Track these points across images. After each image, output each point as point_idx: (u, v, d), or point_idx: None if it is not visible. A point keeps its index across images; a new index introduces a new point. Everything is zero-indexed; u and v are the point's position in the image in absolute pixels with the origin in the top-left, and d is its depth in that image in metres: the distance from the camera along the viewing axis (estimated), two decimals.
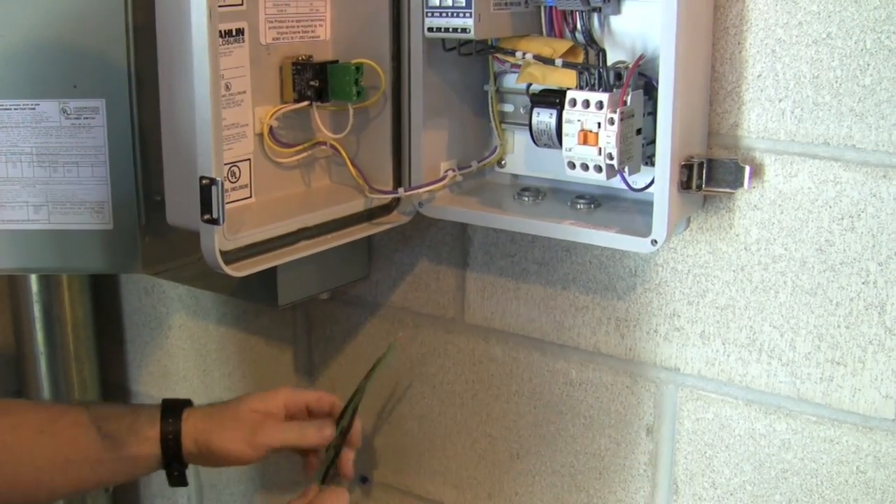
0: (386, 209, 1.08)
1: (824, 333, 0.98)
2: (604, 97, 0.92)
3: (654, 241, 0.91)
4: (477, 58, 1.05)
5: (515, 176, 1.11)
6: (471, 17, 0.95)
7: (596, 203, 1.03)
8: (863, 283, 0.95)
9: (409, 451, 1.31)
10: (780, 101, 0.95)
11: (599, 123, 0.92)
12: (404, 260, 1.24)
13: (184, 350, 1.50)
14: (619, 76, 0.96)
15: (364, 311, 1.29)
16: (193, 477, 1.57)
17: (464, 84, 1.07)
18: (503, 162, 1.11)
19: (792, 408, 1.01)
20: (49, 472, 1.03)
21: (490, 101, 1.08)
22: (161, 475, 1.05)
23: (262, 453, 1.04)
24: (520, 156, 1.10)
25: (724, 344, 1.03)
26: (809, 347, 0.99)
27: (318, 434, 1.06)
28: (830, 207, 0.95)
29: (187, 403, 1.07)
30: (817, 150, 0.94)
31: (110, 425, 1.04)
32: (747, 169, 0.94)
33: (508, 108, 1.08)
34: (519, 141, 1.09)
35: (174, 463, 1.04)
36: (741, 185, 0.95)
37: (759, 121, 0.96)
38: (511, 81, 1.07)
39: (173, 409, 1.05)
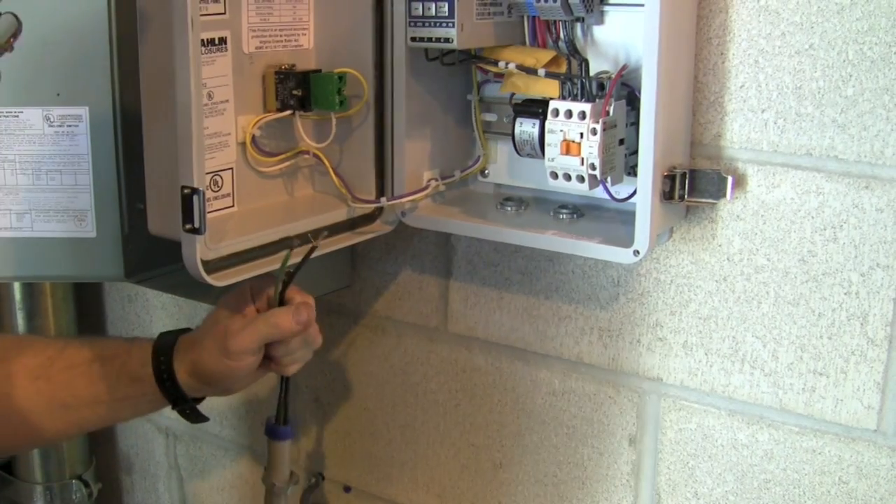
0: (369, 218, 1.07)
1: (807, 344, 0.97)
2: (586, 107, 0.92)
3: (637, 252, 0.90)
4: (460, 67, 1.05)
5: (498, 185, 1.11)
6: (453, 26, 0.94)
7: (579, 213, 1.02)
8: (845, 294, 0.94)
9: (392, 460, 1.30)
10: (762, 111, 0.94)
11: (582, 134, 0.92)
12: (387, 269, 1.23)
13: None
14: (601, 86, 0.95)
15: (347, 320, 1.28)
16: (177, 486, 1.56)
17: (447, 93, 1.07)
18: (486, 171, 1.10)
19: (774, 418, 1.00)
20: (47, 417, 1.00)
21: (473, 110, 1.08)
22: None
23: (247, 361, 0.95)
24: (503, 165, 1.09)
25: (706, 354, 1.03)
26: (792, 358, 0.98)
27: (295, 318, 0.96)
28: (813, 218, 0.94)
29: (184, 332, 1.00)
30: (800, 161, 0.94)
31: (105, 366, 0.99)
32: (730, 179, 0.94)
33: (491, 117, 1.07)
34: (502, 151, 1.09)
35: (180, 401, 0.99)
36: (724, 195, 0.94)
37: (741, 131, 0.96)
38: (494, 91, 1.06)
39: (165, 345, 0.99)
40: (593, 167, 0.92)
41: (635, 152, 0.92)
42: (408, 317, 1.23)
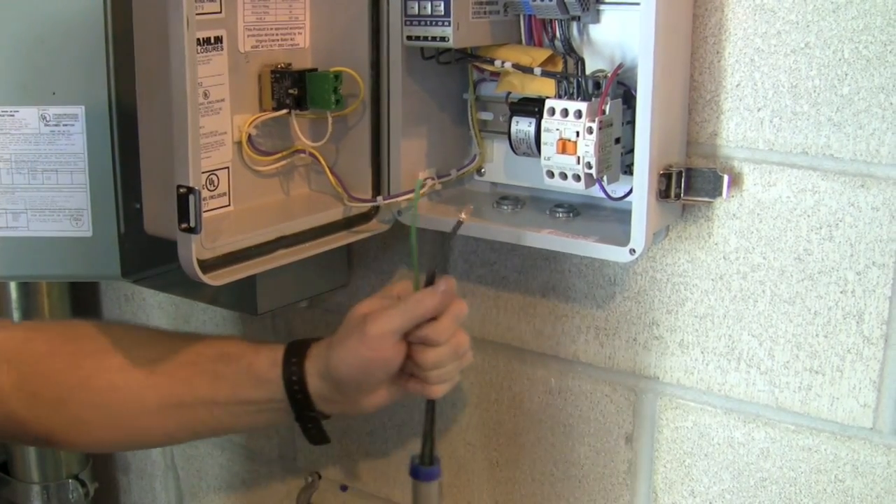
0: (365, 217, 1.06)
1: (803, 342, 0.97)
2: (582, 106, 0.91)
3: (633, 251, 0.90)
4: (456, 66, 1.05)
5: (495, 184, 1.10)
6: (449, 25, 0.94)
7: (575, 212, 1.02)
8: (841, 293, 0.94)
9: (389, 459, 1.29)
10: (758, 110, 0.94)
11: (578, 132, 0.92)
12: (384, 268, 1.22)
13: None
14: (597, 85, 0.95)
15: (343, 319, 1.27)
16: (174, 486, 1.56)
17: (443, 92, 1.06)
18: (482, 170, 1.10)
19: (770, 416, 1.00)
20: (160, 416, 0.96)
21: (469, 109, 1.07)
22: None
23: (386, 351, 0.89)
24: (499, 164, 1.09)
25: (702, 353, 1.02)
26: (788, 356, 0.98)
27: (440, 293, 0.89)
28: (809, 216, 0.94)
29: (318, 339, 0.97)
30: (796, 160, 0.94)
31: (227, 366, 0.95)
32: (726, 178, 0.93)
33: (488, 116, 1.07)
34: (498, 149, 1.08)
35: (305, 411, 0.94)
36: (720, 194, 0.94)
37: (737, 130, 0.96)
38: (490, 90, 1.06)
39: (297, 348, 0.95)
40: (589, 166, 0.92)
41: (631, 151, 0.91)
42: None
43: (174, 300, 1.41)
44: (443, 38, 0.95)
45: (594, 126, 0.91)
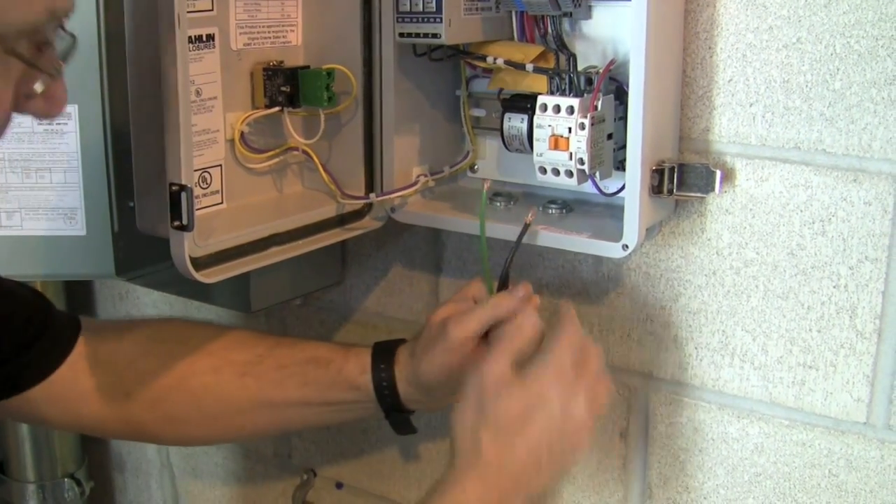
0: (358, 215, 1.06)
1: (796, 337, 0.97)
2: (574, 102, 0.91)
3: (626, 246, 0.90)
4: (449, 63, 1.04)
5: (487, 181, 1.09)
6: (441, 22, 0.94)
7: (568, 208, 1.02)
8: (834, 287, 0.94)
9: (383, 456, 1.29)
10: (750, 105, 0.94)
11: (570, 128, 0.91)
12: (378, 265, 1.22)
13: None
14: (589, 81, 0.95)
15: (338, 317, 1.27)
16: (169, 484, 1.56)
17: (436, 89, 1.06)
18: (475, 167, 1.10)
19: (764, 411, 1.00)
20: (250, 414, 1.01)
21: (462, 106, 1.07)
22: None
23: (469, 354, 0.90)
24: (492, 161, 1.09)
25: (696, 348, 1.02)
26: (781, 351, 0.98)
27: (518, 299, 0.90)
28: (801, 211, 0.94)
29: (400, 342, 0.99)
30: (788, 155, 0.94)
31: (317, 370, 0.99)
32: (718, 173, 0.93)
33: (480, 113, 1.07)
34: (491, 146, 1.08)
35: (393, 412, 0.98)
36: (712, 189, 0.94)
37: (730, 125, 0.95)
38: (483, 86, 1.05)
39: (385, 354, 0.98)
40: (582, 162, 0.92)
41: (624, 147, 0.91)
42: (398, 313, 1.22)
43: (168, 298, 1.41)
44: (435, 35, 0.95)
45: (586, 122, 0.91)
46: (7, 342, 0.96)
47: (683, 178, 0.94)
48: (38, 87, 0.65)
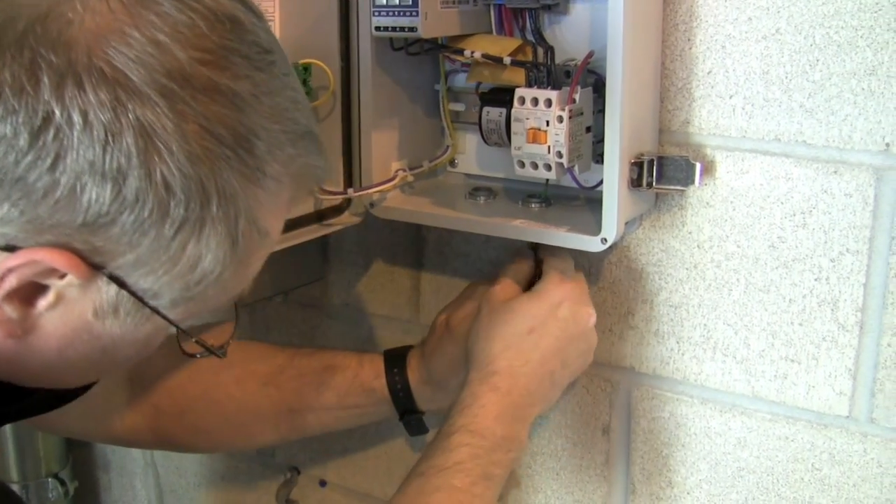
0: (337, 210, 1.05)
1: (778, 331, 0.96)
2: (552, 95, 0.91)
3: (604, 240, 0.90)
4: (427, 57, 1.03)
5: (468, 175, 1.09)
6: (417, 15, 0.92)
7: (548, 202, 1.01)
8: (815, 280, 0.93)
9: (367, 454, 1.29)
10: (730, 97, 0.93)
11: (548, 121, 0.91)
12: (359, 261, 1.22)
13: None
14: (568, 74, 0.94)
15: (320, 313, 1.27)
16: (154, 483, 1.55)
17: (414, 83, 1.05)
18: (455, 161, 1.09)
19: (747, 406, 1.00)
20: (272, 422, 1.06)
21: (441, 100, 1.06)
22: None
23: None
24: (472, 155, 1.08)
25: (678, 342, 1.02)
26: (763, 345, 0.97)
27: (506, 289, 0.97)
28: (782, 204, 0.93)
29: (409, 348, 1.05)
30: (768, 147, 0.93)
31: (333, 377, 1.04)
32: (698, 166, 0.92)
33: (460, 107, 1.06)
34: (471, 140, 1.07)
35: (407, 413, 1.04)
36: (692, 182, 0.93)
37: (709, 117, 0.95)
38: (462, 80, 1.04)
39: (397, 359, 1.04)
40: (560, 155, 0.91)
41: (603, 140, 0.90)
42: (380, 309, 1.22)
43: None
44: (411, 29, 0.93)
45: (564, 115, 0.90)
46: None
47: (663, 171, 0.93)
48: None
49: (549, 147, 0.91)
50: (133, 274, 0.63)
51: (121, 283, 0.64)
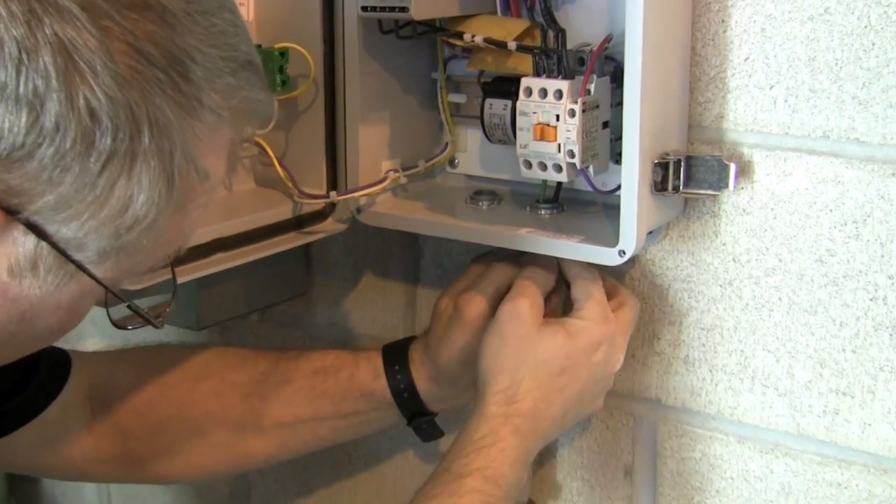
0: (319, 216, 1.06)
1: (827, 358, 0.96)
2: (563, 85, 0.91)
3: (622, 252, 0.89)
4: (423, 42, 1.03)
5: (469, 177, 1.10)
6: None
7: (560, 208, 1.01)
8: (870, 300, 0.93)
9: (355, 495, 1.29)
10: (771, 87, 0.93)
11: (558, 116, 0.91)
12: (347, 274, 1.22)
13: None
14: (582, 61, 0.94)
15: (303, 334, 1.27)
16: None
17: (409, 71, 1.06)
18: (455, 161, 1.09)
19: (792, 445, 0.99)
20: (260, 439, 1.05)
21: (439, 91, 1.06)
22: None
23: (484, 327, 0.97)
24: (474, 154, 1.08)
25: (711, 371, 1.01)
26: (810, 375, 0.97)
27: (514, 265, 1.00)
28: (831, 211, 0.93)
29: (410, 340, 1.05)
30: (815, 145, 0.92)
31: (326, 380, 1.04)
32: (732, 167, 0.92)
33: (460, 99, 1.06)
34: (473, 137, 1.07)
35: (416, 416, 1.03)
36: (726, 186, 0.92)
37: (746, 111, 0.94)
38: (463, 68, 1.04)
39: (396, 354, 1.03)
40: (572, 154, 0.91)
41: (622, 137, 0.90)
42: (371, 329, 1.22)
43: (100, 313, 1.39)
44: (402, 9, 0.93)
45: (577, 108, 0.90)
46: None
47: (692, 173, 0.93)
48: None
49: (558, 145, 0.91)
50: (54, 220, 0.62)
51: (40, 233, 0.62)
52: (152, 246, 0.67)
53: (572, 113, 0.90)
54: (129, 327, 0.80)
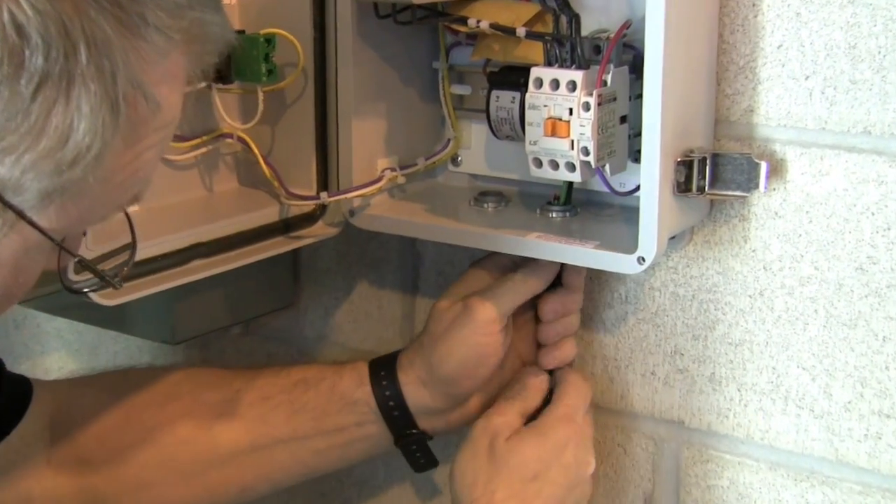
0: (308, 219, 1.06)
1: (868, 377, 0.95)
2: (577, 76, 0.90)
3: (642, 259, 0.89)
4: (424, 27, 1.03)
5: (473, 176, 1.10)
6: None
7: (573, 211, 1.01)
8: None
9: None
10: (806, 78, 0.92)
11: (571, 109, 0.91)
12: (338, 283, 1.22)
13: None
14: (597, 49, 0.94)
15: (289, 349, 1.27)
16: None
17: (408, 60, 1.06)
18: (458, 159, 1.09)
19: (829, 473, 0.98)
20: (234, 465, 1.04)
21: (441, 81, 1.06)
22: None
23: (499, 335, 0.98)
24: (479, 151, 1.08)
25: (739, 390, 1.00)
26: (850, 395, 0.96)
27: (544, 274, 1.00)
28: (873, 214, 0.92)
29: (399, 350, 1.05)
30: (855, 142, 0.92)
31: (306, 392, 1.03)
32: (763, 166, 0.91)
33: (464, 90, 1.06)
34: (477, 132, 1.07)
35: (405, 431, 1.02)
36: (756, 186, 0.92)
37: (779, 104, 0.94)
38: (467, 57, 1.04)
39: (383, 363, 1.03)
40: (586, 152, 0.91)
41: (641, 133, 0.89)
42: (364, 343, 1.22)
43: (76, 327, 1.40)
44: None
45: (591, 101, 0.90)
46: None
47: (719, 173, 0.92)
48: None
49: (571, 142, 0.91)
50: None
51: None
52: (101, 188, 0.64)
53: (587, 106, 0.90)
54: (85, 289, 0.78)
